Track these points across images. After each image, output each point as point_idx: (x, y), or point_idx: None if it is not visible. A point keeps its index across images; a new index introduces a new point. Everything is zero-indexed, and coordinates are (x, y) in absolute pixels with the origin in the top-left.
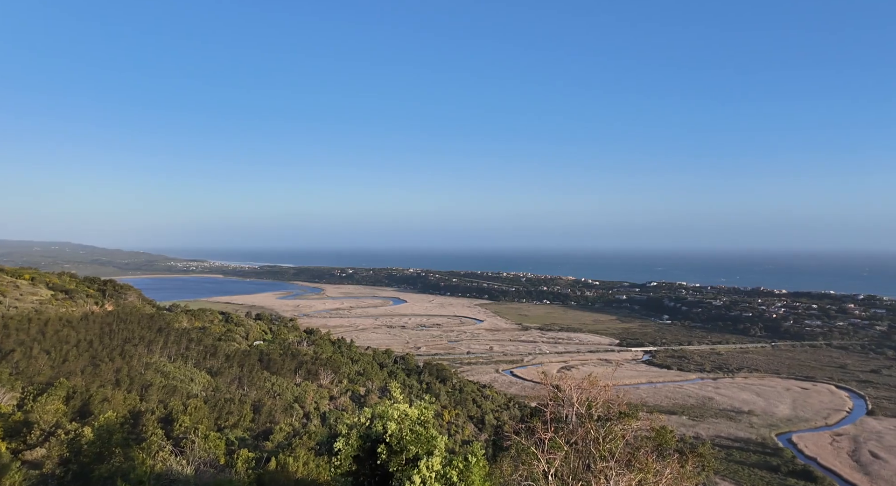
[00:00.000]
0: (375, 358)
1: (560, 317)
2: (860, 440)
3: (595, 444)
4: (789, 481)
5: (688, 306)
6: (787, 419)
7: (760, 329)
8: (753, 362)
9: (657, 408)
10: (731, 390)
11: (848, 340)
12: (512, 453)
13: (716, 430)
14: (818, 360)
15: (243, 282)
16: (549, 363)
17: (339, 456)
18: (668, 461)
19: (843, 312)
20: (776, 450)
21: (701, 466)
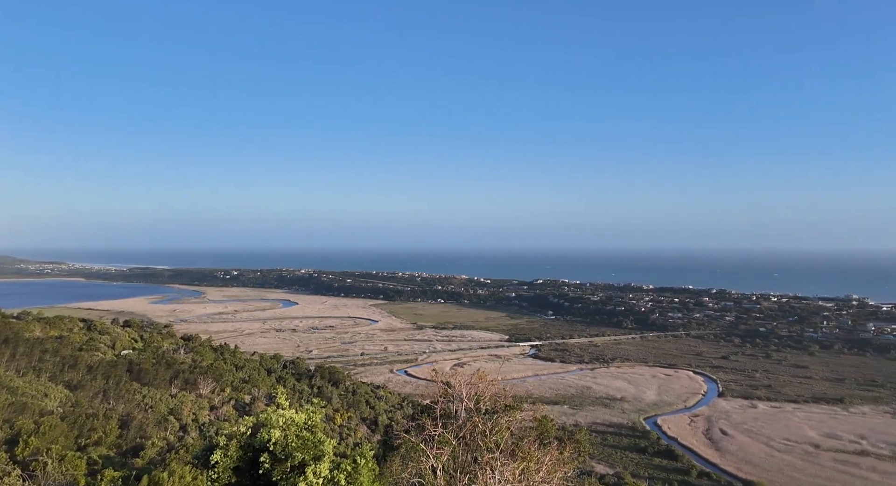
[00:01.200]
0: (262, 364)
1: (454, 315)
2: (713, 419)
3: (482, 437)
4: (655, 460)
5: (570, 302)
6: (654, 403)
7: (631, 322)
8: (625, 352)
9: (542, 399)
10: (607, 379)
11: (703, 330)
12: (402, 451)
13: (593, 417)
14: (679, 348)
15: (110, 286)
16: (442, 361)
17: (216, 469)
18: (548, 448)
19: (699, 305)
20: (644, 433)
21: (577, 451)
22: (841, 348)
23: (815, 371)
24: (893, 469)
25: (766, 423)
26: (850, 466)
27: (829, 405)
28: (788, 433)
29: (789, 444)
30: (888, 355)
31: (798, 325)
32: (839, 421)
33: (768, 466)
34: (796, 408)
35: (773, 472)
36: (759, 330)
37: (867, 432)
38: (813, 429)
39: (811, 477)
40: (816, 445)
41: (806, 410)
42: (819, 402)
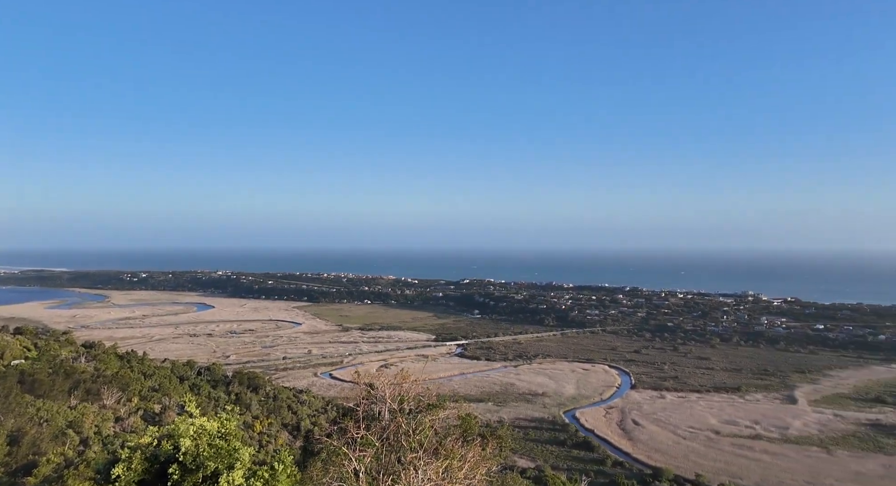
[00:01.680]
0: (174, 371)
1: (381, 316)
2: (626, 410)
3: (406, 437)
4: (573, 452)
5: (495, 301)
6: (573, 397)
7: (553, 319)
8: (547, 348)
9: (467, 397)
10: (529, 375)
11: (618, 326)
12: (323, 456)
13: (516, 413)
14: (596, 344)
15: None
16: (369, 363)
17: (118, 483)
18: (472, 445)
19: (614, 302)
20: (563, 426)
21: (500, 447)
22: (738, 341)
23: (716, 362)
24: (781, 451)
25: (673, 412)
26: (745, 449)
27: (728, 393)
28: (693, 420)
29: (693, 431)
30: (778, 346)
31: (701, 319)
32: (736, 408)
33: (675, 453)
34: (700, 397)
35: (679, 458)
36: (667, 325)
37: (760, 417)
38: (714, 416)
39: (712, 461)
40: (717, 431)
41: (708, 399)
42: (719, 391)
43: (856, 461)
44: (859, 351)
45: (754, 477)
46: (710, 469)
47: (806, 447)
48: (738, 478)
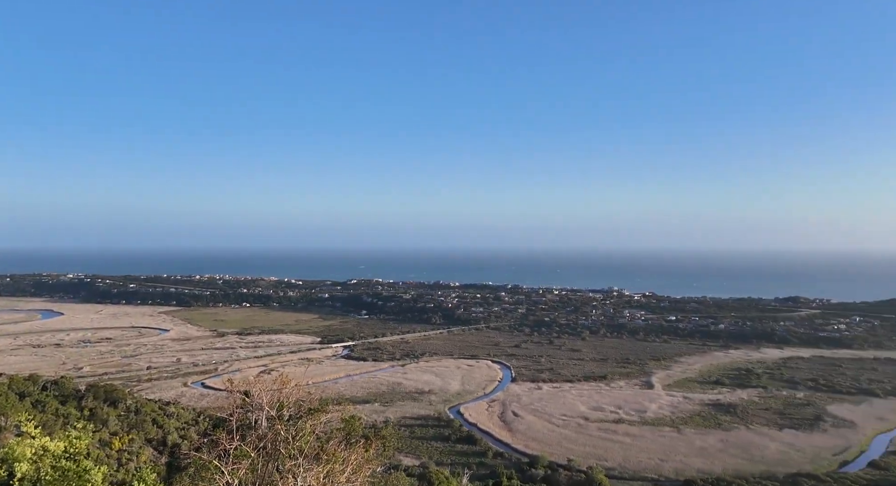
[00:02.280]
0: (12, 387)
1: (262, 319)
2: (506, 403)
3: (285, 444)
4: (457, 446)
5: (383, 301)
6: (458, 393)
7: (440, 317)
8: (434, 346)
9: (353, 399)
10: (416, 373)
11: (500, 322)
12: (191, 471)
13: (403, 412)
14: (480, 340)
15: None
16: (247, 369)
17: None
18: (354, 447)
19: (497, 299)
20: (448, 422)
21: (384, 447)
22: (605, 333)
23: (586, 354)
24: (640, 432)
25: (548, 402)
26: (610, 433)
27: (596, 381)
28: (566, 409)
29: (566, 419)
30: (638, 336)
31: (574, 314)
32: (603, 395)
33: (549, 440)
34: (572, 387)
35: (553, 445)
36: (544, 320)
37: (623, 402)
38: (584, 404)
39: (582, 446)
40: (586, 417)
41: (579, 388)
42: (589, 380)
43: (700, 438)
44: (703, 339)
45: (617, 458)
46: (580, 454)
47: (660, 428)
48: (604, 460)
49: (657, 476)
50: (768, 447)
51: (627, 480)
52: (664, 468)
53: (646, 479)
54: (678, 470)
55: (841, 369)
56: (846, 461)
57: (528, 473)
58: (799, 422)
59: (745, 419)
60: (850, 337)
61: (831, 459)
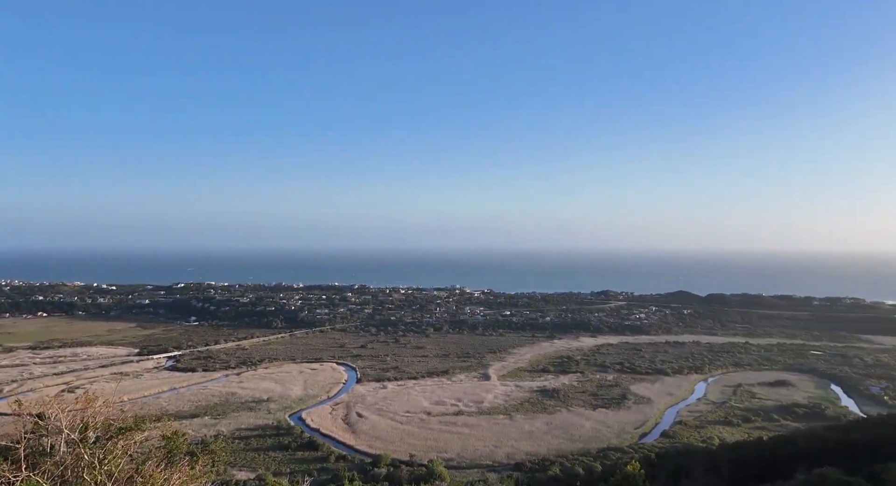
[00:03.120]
0: None
1: (63, 331)
2: (351, 404)
3: (90, 469)
4: (298, 454)
5: (216, 306)
6: (300, 398)
7: (282, 321)
8: (275, 352)
9: (178, 414)
10: (254, 381)
11: (347, 323)
12: None
13: (237, 423)
14: (325, 343)
15: None
16: (44, 388)
17: None
18: (177, 466)
19: (343, 300)
20: (288, 429)
21: (213, 462)
22: (448, 329)
23: (430, 350)
24: (477, 422)
25: (393, 400)
26: (450, 425)
27: (439, 377)
28: (409, 405)
29: (409, 415)
30: (477, 331)
31: (419, 312)
32: (445, 390)
33: (393, 438)
34: (416, 383)
35: (397, 442)
36: (390, 319)
37: (462, 395)
38: (427, 400)
39: (423, 441)
40: (428, 412)
41: (423, 384)
42: (432, 376)
43: (529, 422)
44: (533, 331)
45: (456, 449)
46: (422, 448)
47: (495, 416)
48: (444, 452)
49: (492, 462)
50: (584, 426)
51: (465, 469)
52: (498, 453)
53: (481, 466)
54: (510, 455)
55: (641, 353)
56: (645, 432)
57: (371, 472)
58: (609, 402)
59: (566, 403)
60: (647, 325)
61: (633, 432)
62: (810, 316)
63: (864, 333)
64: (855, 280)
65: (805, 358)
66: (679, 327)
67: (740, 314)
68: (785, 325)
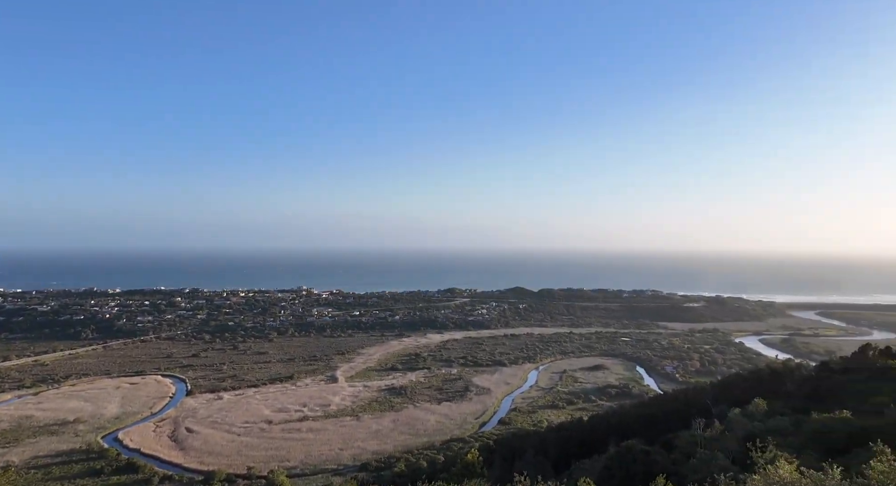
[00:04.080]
0: None
1: None
2: (179, 420)
3: None
4: (113, 479)
5: (6, 316)
6: (116, 417)
7: (93, 331)
8: (84, 366)
9: None
10: (57, 401)
11: (175, 330)
12: None
13: (34, 450)
14: (148, 353)
15: None
16: None
17: None
18: None
19: (172, 305)
20: (101, 452)
21: None
22: (293, 333)
23: (273, 355)
24: (323, 426)
25: (229, 412)
26: (294, 432)
27: (282, 383)
28: (248, 415)
29: (248, 425)
30: (325, 333)
31: (261, 316)
32: (288, 396)
33: (229, 451)
34: (256, 391)
35: (233, 456)
36: (228, 325)
37: (308, 399)
38: (268, 408)
39: (264, 451)
40: (270, 421)
41: (264, 391)
42: (275, 382)
43: (376, 422)
44: (382, 330)
45: (300, 456)
46: (261, 459)
47: (342, 418)
48: (286, 460)
49: (337, 466)
50: (429, 421)
51: (308, 475)
52: (343, 456)
53: (326, 470)
54: (356, 456)
55: (482, 346)
56: (485, 421)
57: None
58: (453, 395)
59: (413, 399)
60: (488, 319)
61: (474, 422)
62: (621, 307)
63: (662, 320)
64: (656, 275)
65: (616, 344)
66: (516, 320)
67: (566, 307)
68: (601, 315)
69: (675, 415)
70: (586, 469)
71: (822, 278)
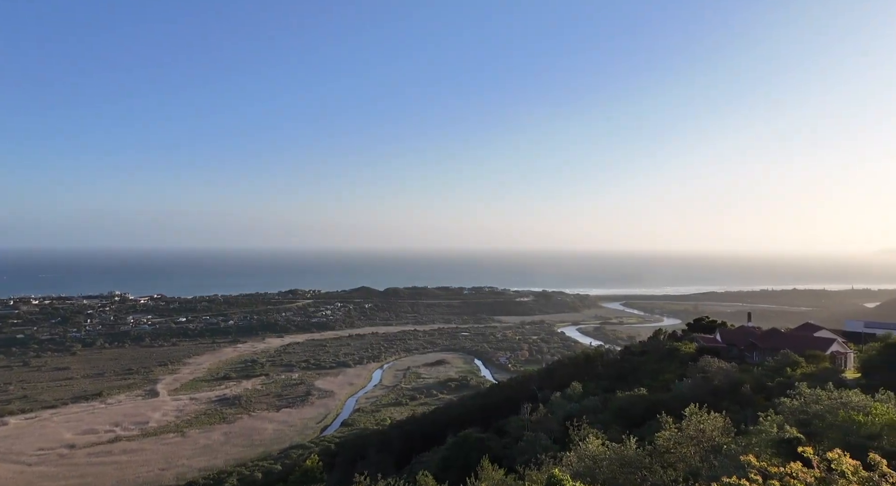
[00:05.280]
0: None
1: None
2: None
3: None
4: None
5: None
6: None
7: None
8: None
9: None
10: None
11: None
12: None
13: None
14: None
15: None
16: None
17: None
18: None
19: None
20: None
21: None
22: (103, 344)
23: (77, 371)
24: (140, 446)
25: (17, 439)
26: (104, 456)
27: (89, 401)
28: (44, 441)
29: (44, 453)
30: (143, 343)
31: (62, 326)
32: (97, 415)
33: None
34: (54, 413)
35: None
36: (16, 337)
37: (121, 418)
38: (70, 431)
39: (64, 480)
40: (72, 445)
41: (65, 412)
42: (79, 401)
43: (204, 436)
44: (213, 337)
45: (112, 481)
46: None
47: (164, 436)
48: None
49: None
50: (266, 429)
51: None
52: (165, 477)
53: None
54: (180, 475)
55: (326, 348)
56: (327, 425)
57: None
58: (293, 400)
59: (248, 408)
60: (333, 320)
61: (315, 426)
62: (461, 303)
63: (498, 314)
64: (493, 272)
65: (457, 339)
66: (361, 320)
67: (411, 305)
68: (444, 312)
69: (507, 402)
70: (426, 462)
71: (628, 273)
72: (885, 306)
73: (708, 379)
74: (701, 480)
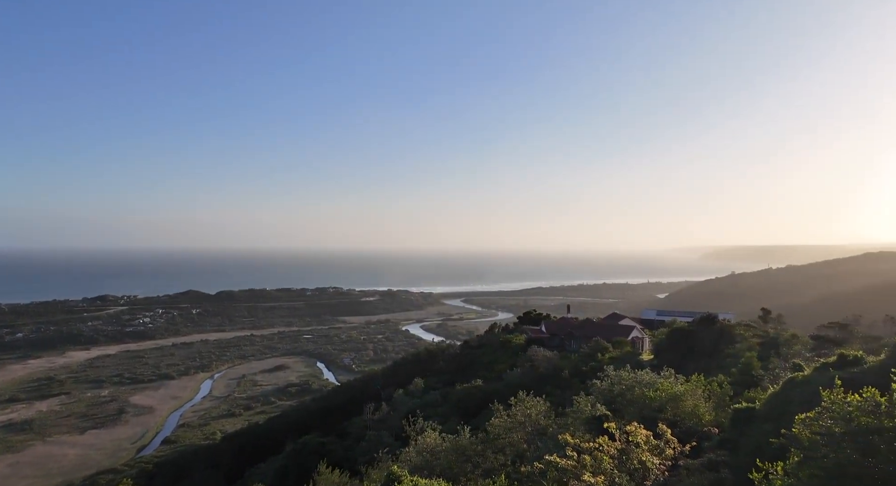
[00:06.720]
0: None
1: None
2: None
3: None
4: None
5: None
6: None
7: None
8: None
9: None
10: None
11: None
12: None
13: None
14: None
15: None
16: None
17: None
18: None
19: None
20: None
21: None
22: None
23: None
24: None
25: None
26: None
27: None
28: None
29: None
30: None
31: None
32: None
33: None
34: None
35: None
36: None
37: None
38: None
39: None
40: None
41: None
42: None
43: None
44: None
45: None
46: None
47: None
48: None
49: None
50: (67, 455)
51: None
52: None
53: None
54: None
55: (144, 360)
56: (144, 445)
57: None
58: (103, 420)
59: (42, 433)
60: (153, 329)
61: (130, 448)
62: (304, 304)
63: (342, 315)
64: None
65: (299, 342)
66: (188, 327)
67: (248, 309)
68: (285, 314)
69: (350, 404)
70: (262, 473)
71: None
72: (673, 296)
73: (535, 367)
74: (525, 461)
